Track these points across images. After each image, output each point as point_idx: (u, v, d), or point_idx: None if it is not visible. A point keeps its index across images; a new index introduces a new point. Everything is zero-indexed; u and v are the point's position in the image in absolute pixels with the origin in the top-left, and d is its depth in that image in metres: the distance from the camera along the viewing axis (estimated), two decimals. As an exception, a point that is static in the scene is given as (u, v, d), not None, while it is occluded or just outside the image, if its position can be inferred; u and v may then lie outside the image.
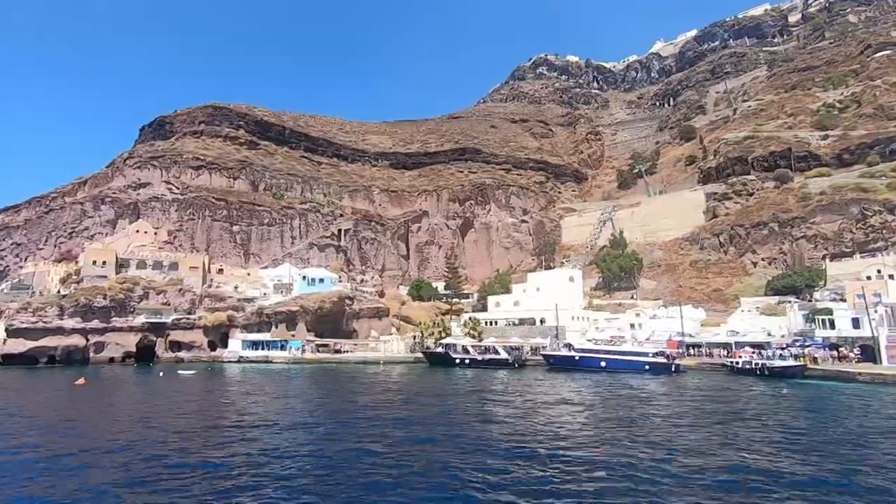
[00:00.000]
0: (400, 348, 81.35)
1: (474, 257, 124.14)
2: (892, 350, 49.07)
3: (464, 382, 49.79)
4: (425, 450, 21.39)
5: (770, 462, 19.18)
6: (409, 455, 20.35)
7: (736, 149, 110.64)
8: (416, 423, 27.26)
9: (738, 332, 67.03)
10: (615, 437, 23.83)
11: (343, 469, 18.59)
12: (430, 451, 21.22)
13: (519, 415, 30.16)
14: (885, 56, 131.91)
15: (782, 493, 15.89)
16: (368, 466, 18.89)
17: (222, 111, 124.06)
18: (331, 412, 31.46)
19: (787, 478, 17.18)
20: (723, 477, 17.38)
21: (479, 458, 20.00)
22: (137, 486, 16.47)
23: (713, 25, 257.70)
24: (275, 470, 18.25)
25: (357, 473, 17.98)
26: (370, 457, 20.22)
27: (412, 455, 20.33)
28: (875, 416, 28.59)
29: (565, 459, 19.68)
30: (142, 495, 15.67)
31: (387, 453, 20.67)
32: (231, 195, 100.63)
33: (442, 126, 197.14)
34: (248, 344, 78.30)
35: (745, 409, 31.48)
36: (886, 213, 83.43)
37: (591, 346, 61.25)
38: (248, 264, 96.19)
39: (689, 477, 17.37)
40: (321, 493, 15.90)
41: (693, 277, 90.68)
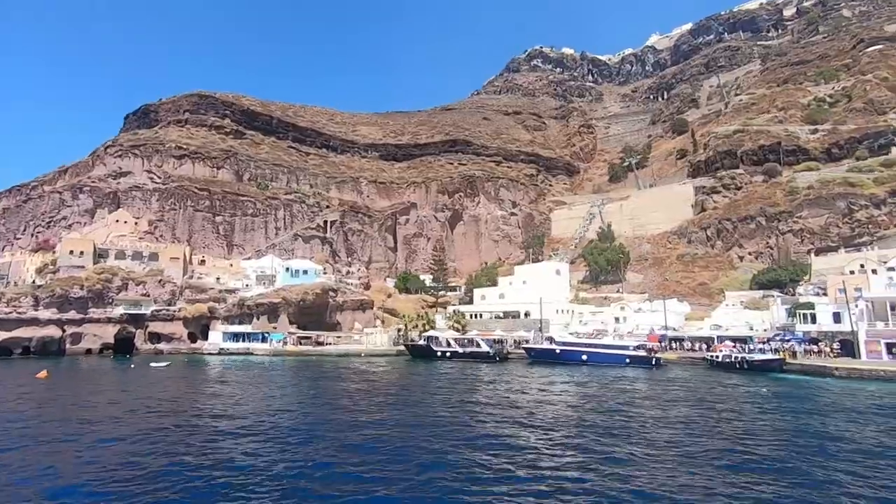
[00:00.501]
0: (383, 341, 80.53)
1: (463, 250, 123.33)
2: (870, 345, 48.76)
3: (441, 376, 49.17)
4: (387, 448, 20.70)
5: (716, 457, 18.65)
6: (372, 454, 19.68)
7: (725, 142, 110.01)
8: (385, 421, 26.62)
9: (720, 326, 66.77)
10: (578, 432, 23.24)
11: (303, 470, 17.83)
12: (394, 449, 20.55)
13: (489, 411, 29.52)
14: (876, 51, 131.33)
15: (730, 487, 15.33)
16: (335, 468, 18.20)
17: (208, 100, 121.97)
18: (297, 407, 30.64)
19: (733, 472, 16.67)
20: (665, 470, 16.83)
21: (437, 455, 19.37)
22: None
23: (708, 19, 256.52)
24: (224, 474, 17.36)
25: (320, 475, 17.24)
26: (336, 456, 19.53)
27: (375, 454, 19.67)
28: (840, 412, 28.12)
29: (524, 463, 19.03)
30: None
31: (348, 454, 19.95)
32: (214, 185, 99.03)
33: (434, 118, 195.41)
34: (229, 336, 77.25)
35: (713, 403, 31.04)
36: (873, 207, 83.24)
37: (573, 340, 60.75)
38: (231, 255, 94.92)
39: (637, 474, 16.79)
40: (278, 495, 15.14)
41: (679, 271, 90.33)
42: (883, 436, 22.31)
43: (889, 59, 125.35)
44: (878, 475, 16.85)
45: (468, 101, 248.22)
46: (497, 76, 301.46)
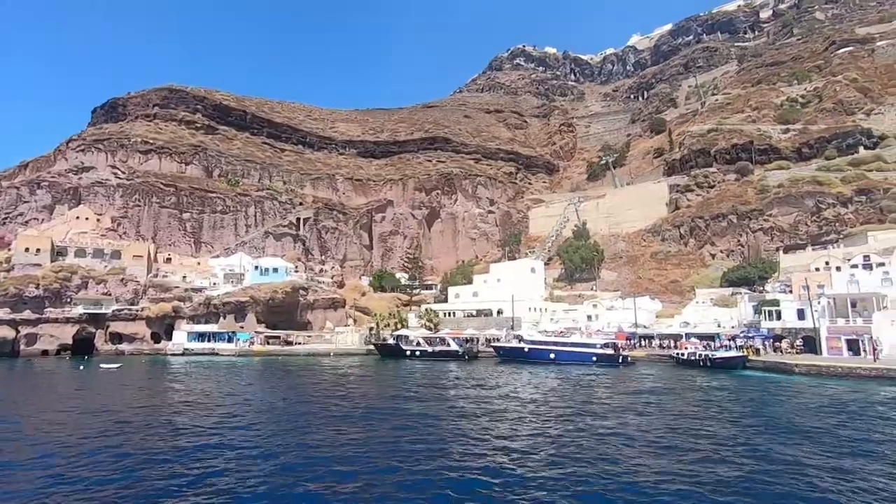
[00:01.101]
0: (354, 340, 79.24)
1: (440, 248, 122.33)
2: (831, 341, 49.08)
3: (407, 375, 48.17)
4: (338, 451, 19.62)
5: (641, 455, 18.02)
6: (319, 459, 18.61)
7: (700, 141, 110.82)
8: (341, 420, 25.56)
9: (689, 323, 66.96)
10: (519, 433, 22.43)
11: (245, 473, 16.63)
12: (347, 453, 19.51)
13: (445, 409, 28.60)
14: (847, 52, 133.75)
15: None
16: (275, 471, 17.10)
17: (178, 94, 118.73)
18: (246, 412, 29.31)
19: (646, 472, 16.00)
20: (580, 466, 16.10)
21: (387, 458, 18.38)
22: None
23: (688, 20, 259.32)
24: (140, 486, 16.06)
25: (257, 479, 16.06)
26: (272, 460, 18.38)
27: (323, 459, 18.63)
28: (787, 408, 27.84)
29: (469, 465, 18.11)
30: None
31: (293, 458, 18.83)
32: (182, 181, 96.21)
33: (415, 115, 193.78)
34: (194, 336, 75.13)
35: (664, 402, 30.66)
36: (840, 206, 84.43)
37: (541, 338, 60.22)
38: (198, 253, 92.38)
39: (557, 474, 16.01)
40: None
41: (652, 269, 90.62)
42: (826, 436, 21.89)
43: (858, 61, 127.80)
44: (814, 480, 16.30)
45: (450, 99, 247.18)
46: (480, 74, 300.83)
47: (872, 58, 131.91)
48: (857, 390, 33.77)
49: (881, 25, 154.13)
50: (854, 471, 16.89)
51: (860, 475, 16.46)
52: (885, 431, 22.30)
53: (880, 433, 21.97)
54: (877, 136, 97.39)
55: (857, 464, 17.67)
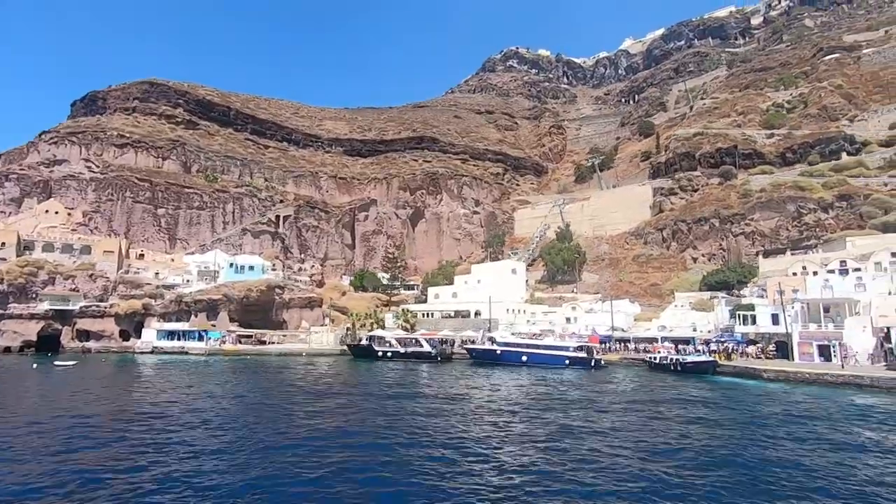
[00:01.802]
0: (329, 340, 77.85)
1: (424, 248, 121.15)
2: (803, 346, 48.35)
3: (372, 379, 46.88)
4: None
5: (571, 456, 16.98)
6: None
7: (685, 144, 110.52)
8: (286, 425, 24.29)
9: (666, 326, 66.21)
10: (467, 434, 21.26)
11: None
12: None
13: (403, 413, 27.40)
14: (833, 59, 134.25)
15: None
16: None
17: (160, 88, 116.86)
18: (195, 411, 27.98)
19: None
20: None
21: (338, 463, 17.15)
22: None
23: (680, 24, 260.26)
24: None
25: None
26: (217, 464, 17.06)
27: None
28: (739, 415, 26.91)
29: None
30: None
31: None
32: (158, 176, 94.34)
33: (405, 114, 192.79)
34: (164, 334, 73.41)
35: (618, 403, 29.69)
36: (821, 211, 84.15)
37: (513, 340, 59.18)
38: (173, 250, 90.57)
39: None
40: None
41: (634, 272, 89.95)
42: (771, 448, 20.93)
43: (844, 68, 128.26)
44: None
45: (441, 100, 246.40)
46: (472, 76, 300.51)
47: (858, 65, 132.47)
48: (817, 397, 32.94)
49: (868, 33, 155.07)
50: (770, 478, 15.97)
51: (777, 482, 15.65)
52: (818, 440, 21.44)
53: (812, 442, 21.11)
54: (859, 142, 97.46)
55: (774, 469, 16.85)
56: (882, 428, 23.76)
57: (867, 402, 31.03)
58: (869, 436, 22.22)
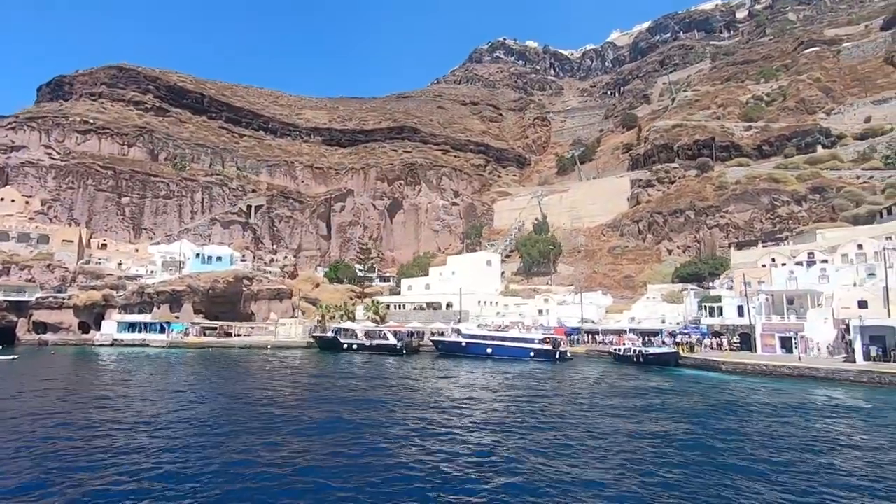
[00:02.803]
0: (298, 332, 76.23)
1: (402, 239, 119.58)
2: (766, 338, 47.93)
3: (332, 371, 45.57)
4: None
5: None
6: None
7: (664, 136, 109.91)
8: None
9: (636, 318, 65.66)
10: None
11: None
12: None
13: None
14: (813, 52, 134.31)
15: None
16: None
17: (129, 73, 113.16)
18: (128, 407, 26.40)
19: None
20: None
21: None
22: None
23: (666, 17, 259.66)
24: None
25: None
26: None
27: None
28: (682, 406, 26.08)
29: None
30: None
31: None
32: (122, 163, 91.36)
33: (387, 105, 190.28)
34: (125, 326, 71.32)
35: (566, 395, 28.73)
36: (794, 203, 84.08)
37: (479, 333, 58.16)
38: (138, 240, 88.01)
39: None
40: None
41: (608, 264, 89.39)
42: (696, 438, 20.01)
43: (823, 61, 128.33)
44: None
45: (426, 90, 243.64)
46: (459, 66, 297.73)
47: (838, 58, 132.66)
48: (766, 390, 32.31)
49: (849, 28, 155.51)
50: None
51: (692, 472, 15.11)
52: (748, 432, 20.66)
53: (741, 433, 20.28)
54: (835, 135, 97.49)
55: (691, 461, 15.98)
56: (817, 420, 22.99)
57: (814, 394, 30.41)
58: (796, 428, 21.41)
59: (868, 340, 39.85)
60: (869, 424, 22.23)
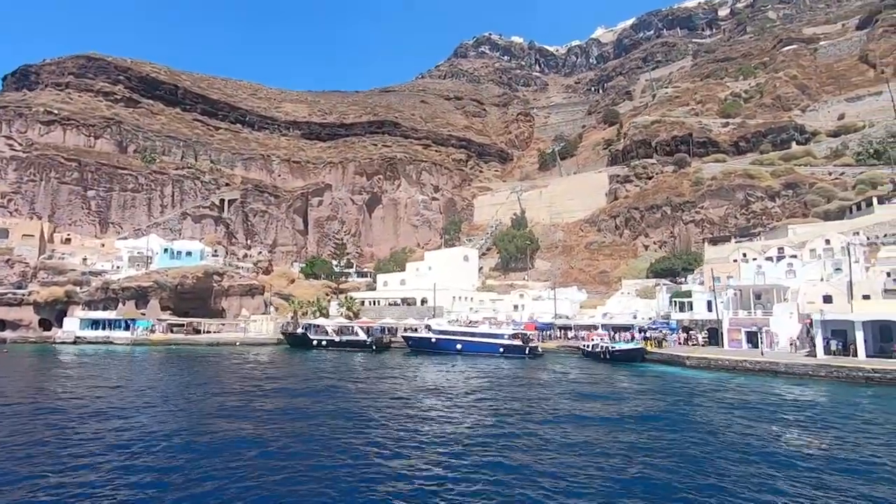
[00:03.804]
0: (269, 329, 74.76)
1: (381, 235, 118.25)
2: (732, 333, 47.85)
3: (296, 369, 44.43)
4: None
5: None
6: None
7: (642, 132, 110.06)
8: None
9: (609, 314, 65.49)
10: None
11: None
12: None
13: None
14: (791, 50, 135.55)
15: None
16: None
17: (98, 63, 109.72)
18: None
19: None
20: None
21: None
22: None
23: (650, 14, 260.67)
24: None
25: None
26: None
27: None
28: (633, 403, 25.59)
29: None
30: None
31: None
32: (88, 156, 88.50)
33: (370, 98, 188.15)
34: (88, 323, 69.09)
35: (521, 391, 28.08)
36: (768, 199, 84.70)
37: (448, 328, 57.41)
38: (105, 234, 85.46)
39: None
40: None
41: (585, 259, 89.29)
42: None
43: (800, 59, 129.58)
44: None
45: (410, 84, 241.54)
46: (444, 61, 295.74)
47: (815, 56, 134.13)
48: (725, 385, 32.06)
49: (827, 26, 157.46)
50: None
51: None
52: (693, 426, 20.12)
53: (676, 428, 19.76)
54: (809, 132, 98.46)
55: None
56: (764, 417, 22.60)
57: (771, 389, 30.17)
58: (740, 425, 20.97)
59: (830, 335, 39.91)
60: (816, 423, 21.84)
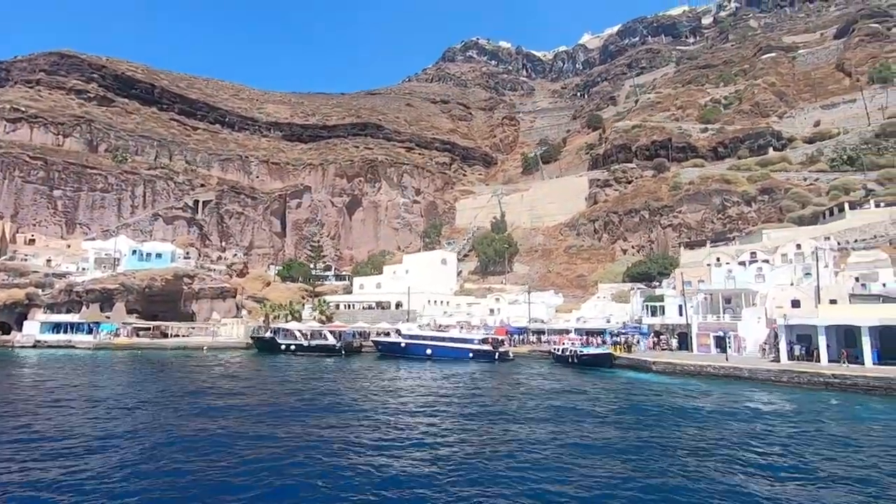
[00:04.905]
0: (240, 333, 72.93)
1: (361, 237, 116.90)
2: (701, 338, 47.46)
3: (252, 377, 42.92)
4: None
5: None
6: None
7: (623, 137, 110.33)
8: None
9: (583, 318, 64.91)
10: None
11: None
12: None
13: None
14: (769, 58, 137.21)
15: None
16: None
17: (71, 60, 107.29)
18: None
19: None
20: None
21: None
22: None
23: (635, 21, 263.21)
24: None
25: None
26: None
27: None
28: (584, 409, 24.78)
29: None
30: None
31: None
32: (56, 154, 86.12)
33: (355, 101, 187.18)
34: (49, 326, 66.81)
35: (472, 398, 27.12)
36: (744, 204, 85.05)
37: (418, 333, 56.37)
38: (71, 235, 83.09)
39: None
40: None
41: (563, 263, 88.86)
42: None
43: (779, 66, 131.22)
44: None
45: (396, 88, 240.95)
46: (432, 65, 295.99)
47: (793, 64, 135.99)
48: (687, 391, 31.41)
49: (806, 35, 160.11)
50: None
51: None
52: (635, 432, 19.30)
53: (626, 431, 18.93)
54: (786, 138, 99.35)
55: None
56: (712, 426, 21.89)
57: (730, 395, 29.56)
58: (687, 435, 20.23)
59: (795, 339, 39.59)
60: (764, 434, 21.14)
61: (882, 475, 15.17)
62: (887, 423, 22.32)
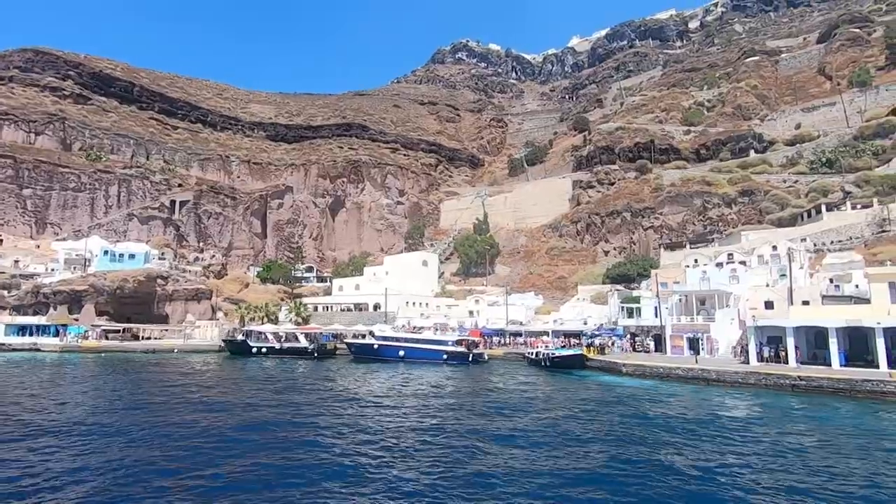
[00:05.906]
0: (214, 335, 71.43)
1: (343, 238, 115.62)
2: (675, 340, 46.97)
3: (217, 381, 41.60)
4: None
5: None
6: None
7: (606, 138, 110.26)
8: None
9: (560, 320, 64.33)
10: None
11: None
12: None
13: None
14: (753, 61, 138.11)
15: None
16: None
17: (46, 57, 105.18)
18: None
19: None
20: None
21: None
22: None
23: (623, 25, 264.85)
24: None
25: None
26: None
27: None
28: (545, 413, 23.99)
29: None
30: None
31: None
32: (26, 152, 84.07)
33: (341, 102, 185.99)
34: (13, 329, 64.86)
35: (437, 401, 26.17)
36: (724, 206, 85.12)
37: (392, 335, 55.39)
38: (42, 235, 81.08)
39: None
40: None
41: (545, 265, 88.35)
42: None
43: (762, 70, 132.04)
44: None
45: (385, 89, 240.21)
46: (421, 67, 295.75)
47: (776, 68, 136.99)
48: (652, 393, 30.76)
49: (789, 39, 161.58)
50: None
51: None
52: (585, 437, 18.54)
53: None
54: (767, 140, 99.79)
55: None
56: (665, 432, 21.18)
57: (694, 398, 28.94)
58: (640, 441, 19.49)
59: (766, 341, 39.16)
60: (721, 438, 20.48)
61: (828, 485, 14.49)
62: (842, 427, 21.72)
